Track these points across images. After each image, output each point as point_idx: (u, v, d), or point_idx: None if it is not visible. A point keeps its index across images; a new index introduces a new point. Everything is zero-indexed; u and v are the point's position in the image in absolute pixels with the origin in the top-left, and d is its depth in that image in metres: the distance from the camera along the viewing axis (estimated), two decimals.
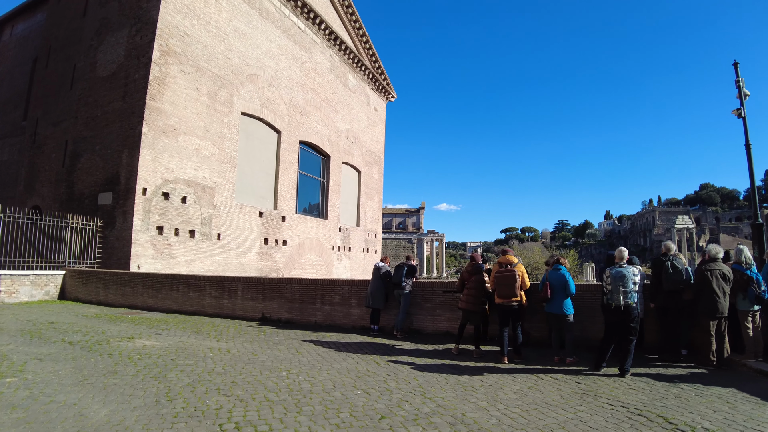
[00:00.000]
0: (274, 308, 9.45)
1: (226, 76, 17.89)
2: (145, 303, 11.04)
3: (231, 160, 17.94)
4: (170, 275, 10.98)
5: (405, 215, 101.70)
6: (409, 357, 6.40)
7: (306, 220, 23.10)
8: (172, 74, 15.65)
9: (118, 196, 14.49)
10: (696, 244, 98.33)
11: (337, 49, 26.82)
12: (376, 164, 32.26)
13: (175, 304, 10.66)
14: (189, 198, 15.88)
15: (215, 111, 17.28)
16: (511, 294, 6.35)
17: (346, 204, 28.00)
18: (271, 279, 9.67)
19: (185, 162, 15.84)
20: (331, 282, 9.04)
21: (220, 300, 10.06)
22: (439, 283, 8.27)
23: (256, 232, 19.12)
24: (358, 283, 8.82)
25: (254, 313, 9.66)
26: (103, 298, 11.67)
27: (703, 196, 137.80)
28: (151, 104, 14.78)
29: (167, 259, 14.87)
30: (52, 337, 6.88)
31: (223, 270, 17.23)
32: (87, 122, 16.39)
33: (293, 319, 9.28)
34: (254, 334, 7.76)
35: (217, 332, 7.87)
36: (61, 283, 12.48)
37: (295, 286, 9.27)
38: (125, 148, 14.75)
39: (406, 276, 8.09)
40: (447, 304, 8.15)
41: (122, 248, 13.88)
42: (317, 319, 9.06)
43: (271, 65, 20.71)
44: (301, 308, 9.24)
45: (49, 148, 17.63)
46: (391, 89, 33.82)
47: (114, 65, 16.19)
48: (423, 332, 8.29)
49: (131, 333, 7.40)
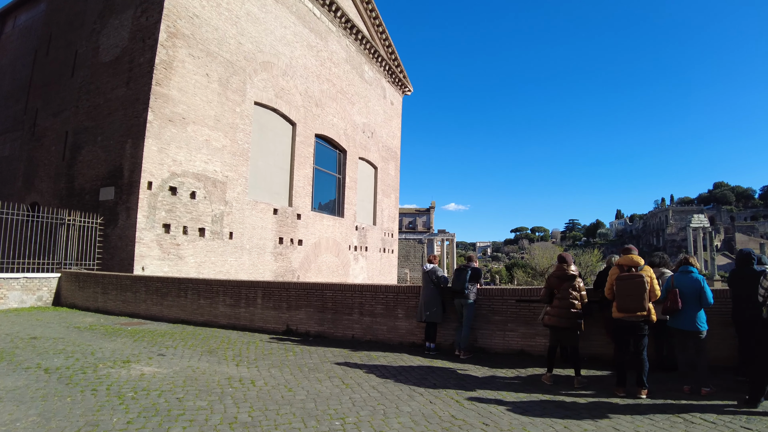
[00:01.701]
0: (301, 319, 7.94)
1: (238, 62, 16.45)
2: (149, 311, 9.57)
3: (244, 153, 16.48)
4: (177, 279, 9.54)
5: (415, 215, 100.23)
6: (493, 391, 4.84)
7: (322, 219, 21.60)
8: (180, 58, 14.22)
9: (121, 191, 13.07)
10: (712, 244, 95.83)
11: (353, 39, 25.32)
12: (392, 160, 30.71)
13: (183, 312, 9.18)
14: (199, 193, 14.43)
15: (227, 99, 15.83)
16: (639, 306, 4.75)
17: (362, 202, 26.47)
18: (297, 284, 8.15)
19: (194, 154, 14.39)
20: (371, 288, 7.52)
21: (236, 309, 8.55)
22: (511, 290, 6.68)
23: (270, 231, 17.65)
24: (405, 290, 7.25)
25: (277, 325, 8.15)
26: (102, 304, 10.23)
27: (717, 194, 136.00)
28: (157, 90, 13.36)
29: (175, 259, 13.42)
30: (27, 360, 5.40)
31: (236, 272, 15.77)
32: (88, 111, 15.02)
33: (325, 332, 7.76)
34: (281, 355, 6.23)
35: (234, 351, 6.36)
36: (56, 288, 11.06)
37: (327, 292, 7.72)
38: (129, 138, 13.34)
39: (469, 281, 6.52)
40: (521, 317, 6.58)
41: (125, 248, 12.46)
42: (355, 334, 7.52)
43: (285, 53, 19.25)
44: (334, 320, 7.74)
45: (49, 141, 16.30)
46: (407, 82, 32.26)
47: (118, 49, 14.80)
48: (490, 351, 6.72)
49: (128, 354, 5.90)
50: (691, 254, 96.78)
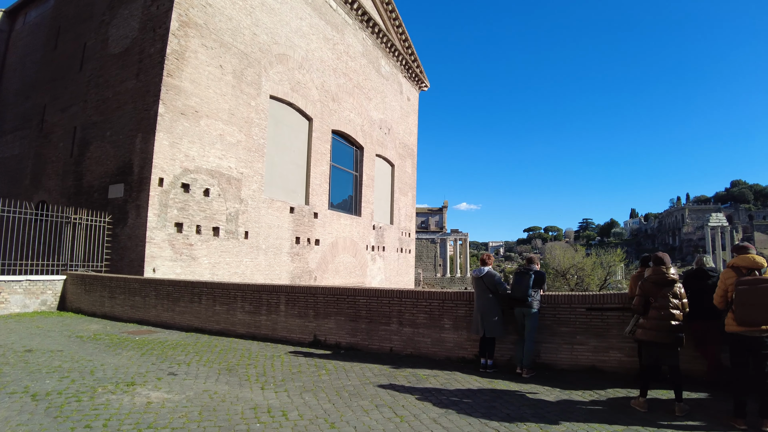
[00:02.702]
0: (330, 329, 7.02)
1: (253, 54, 15.63)
2: (159, 318, 8.71)
3: (259, 149, 15.65)
4: (190, 283, 8.70)
5: (427, 214, 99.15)
6: (582, 423, 3.86)
7: (339, 217, 20.71)
8: (193, 48, 13.43)
9: (131, 188, 12.31)
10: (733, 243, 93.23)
11: (369, 32, 24.40)
12: (409, 157, 29.73)
13: (196, 320, 8.32)
14: (212, 190, 13.62)
15: (241, 92, 15.01)
16: (766, 319, 3.74)
17: (379, 200, 25.53)
18: (325, 289, 7.20)
19: (208, 149, 13.59)
20: (412, 295, 6.55)
21: (257, 316, 7.65)
22: (580, 297, 5.67)
23: (287, 230, 16.80)
24: (452, 297, 6.26)
25: (302, 335, 7.23)
26: (109, 309, 9.41)
27: (735, 193, 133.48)
28: (168, 81, 12.58)
29: (188, 260, 12.62)
30: (14, 381, 4.55)
31: (251, 273, 14.93)
32: (97, 105, 14.31)
33: (358, 344, 6.83)
34: (313, 374, 5.30)
35: (257, 369, 5.45)
36: (61, 291, 10.29)
37: (360, 299, 6.77)
38: (139, 132, 12.58)
39: (533, 287, 5.53)
40: (592, 328, 5.57)
41: (135, 248, 11.68)
42: (393, 346, 6.56)
43: (301, 45, 18.40)
44: (369, 330, 6.79)
45: (57, 137, 15.63)
46: (424, 77, 31.26)
47: (127, 40, 14.07)
48: (555, 368, 5.71)
49: (133, 373, 5.02)
50: (709, 254, 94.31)
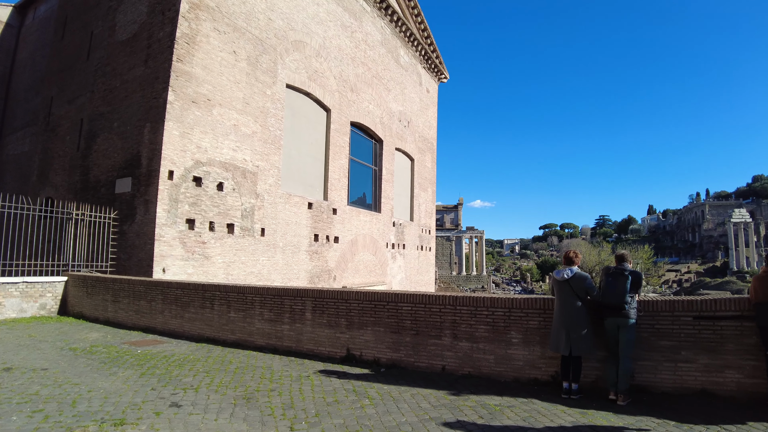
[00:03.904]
0: (366, 342, 5.89)
1: (268, 40, 14.60)
2: (167, 325, 7.68)
3: (276, 141, 14.64)
4: (201, 285, 7.66)
5: (443, 212, 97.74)
6: None
7: (359, 214, 19.62)
8: (205, 32, 12.45)
9: (139, 182, 11.38)
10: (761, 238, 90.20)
11: (388, 20, 23.23)
12: (428, 152, 28.51)
13: (208, 328, 7.29)
14: (226, 185, 12.64)
15: (256, 80, 14.00)
16: None
17: (399, 196, 24.38)
18: (361, 294, 6.03)
19: (221, 140, 12.61)
20: (471, 301, 5.25)
21: (278, 325, 6.59)
22: (686, 303, 4.44)
23: (305, 227, 15.76)
24: (521, 304, 5.07)
25: (333, 348, 6.14)
26: (112, 315, 8.44)
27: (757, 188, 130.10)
28: (178, 67, 11.61)
29: (200, 260, 11.66)
30: None
31: (268, 272, 13.92)
32: (104, 96, 13.44)
33: (401, 361, 5.66)
34: (354, 405, 4.17)
35: (282, 398, 4.34)
36: (62, 294, 9.38)
37: (404, 306, 5.52)
38: (147, 122, 11.64)
39: (630, 292, 4.34)
40: (701, 341, 4.37)
41: (143, 247, 10.74)
42: (446, 365, 5.37)
43: (318, 32, 17.34)
44: (415, 344, 5.62)
45: (64, 130, 14.83)
46: (443, 68, 29.96)
47: (135, 26, 13.15)
48: (654, 391, 4.50)
49: (125, 404, 3.94)
50: (732, 250, 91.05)
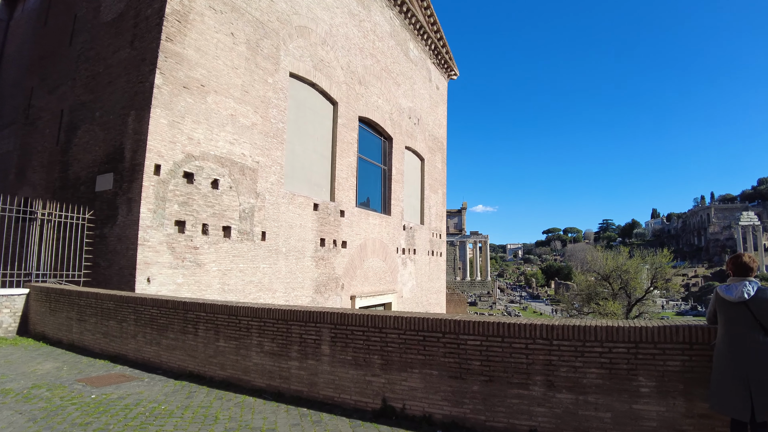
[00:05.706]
0: (411, 389, 4.19)
1: (270, 23, 13.18)
2: (140, 353, 6.14)
3: (278, 134, 13.18)
4: (182, 303, 5.97)
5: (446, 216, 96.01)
6: None
7: (368, 216, 18.14)
8: (199, 10, 11.03)
9: (122, 178, 9.91)
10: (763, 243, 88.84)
11: (397, 11, 21.84)
12: (438, 151, 27.06)
13: (191, 360, 5.73)
14: (222, 182, 11.17)
15: (256, 67, 12.57)
16: None
17: (409, 197, 22.90)
18: (402, 319, 4.27)
19: (216, 132, 11.15)
20: (574, 332, 3.59)
21: (283, 360, 5.00)
22: None
23: (310, 231, 14.26)
24: (652, 335, 3.43)
25: (361, 397, 4.46)
26: (77, 337, 6.91)
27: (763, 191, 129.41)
28: (167, 47, 10.17)
29: (192, 267, 10.15)
30: None
31: (270, 281, 12.43)
32: (86, 82, 12.01)
33: (466, 419, 3.97)
34: None
35: None
36: (22, 309, 7.86)
37: (469, 339, 3.87)
38: (132, 110, 10.19)
39: None
40: None
41: (125, 253, 9.24)
42: (536, 425, 3.75)
43: (324, 18, 15.94)
44: (487, 395, 3.92)
45: (43, 123, 13.40)
46: (453, 64, 28.57)
47: (121, 4, 11.73)
48: None
49: None
50: None
